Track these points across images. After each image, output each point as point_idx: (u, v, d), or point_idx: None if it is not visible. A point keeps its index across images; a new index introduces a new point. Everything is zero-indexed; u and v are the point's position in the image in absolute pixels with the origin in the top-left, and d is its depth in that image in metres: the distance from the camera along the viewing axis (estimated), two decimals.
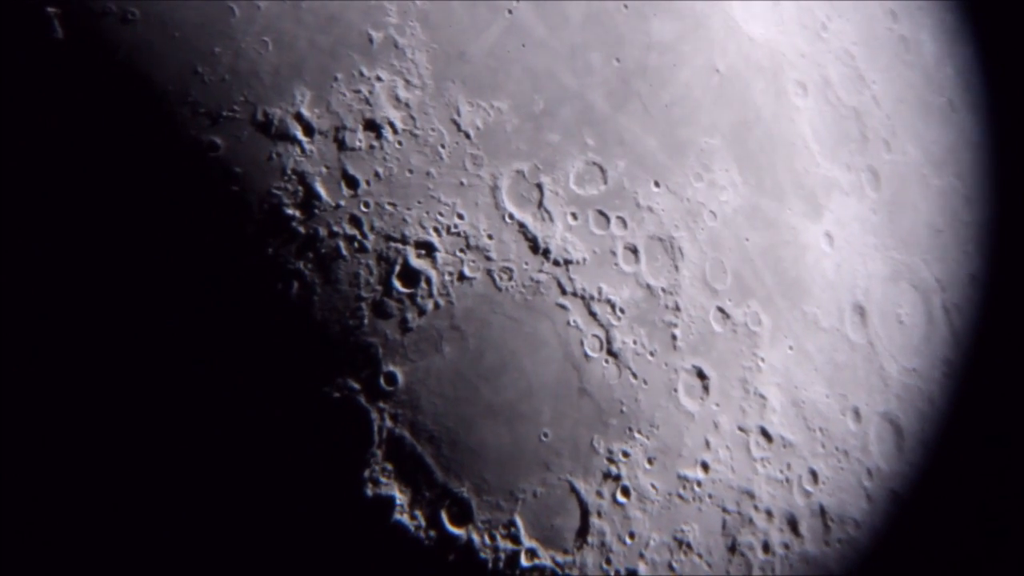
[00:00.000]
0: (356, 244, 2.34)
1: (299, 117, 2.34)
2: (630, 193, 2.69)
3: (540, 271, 2.51)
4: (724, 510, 2.67)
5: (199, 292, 2.22)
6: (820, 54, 3.30)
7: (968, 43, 3.82)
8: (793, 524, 2.79)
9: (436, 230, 2.41)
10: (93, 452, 2.18)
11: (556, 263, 2.54)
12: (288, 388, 2.25)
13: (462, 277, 2.42)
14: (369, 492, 2.28)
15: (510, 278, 2.47)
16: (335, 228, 2.33)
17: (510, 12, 2.61)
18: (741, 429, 2.75)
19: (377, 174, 2.38)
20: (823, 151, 3.17)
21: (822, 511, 2.86)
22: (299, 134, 2.33)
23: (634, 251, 2.65)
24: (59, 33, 2.19)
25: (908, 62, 3.58)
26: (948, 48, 3.75)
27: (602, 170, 2.65)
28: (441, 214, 2.43)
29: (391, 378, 2.33)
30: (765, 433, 2.79)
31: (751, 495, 2.72)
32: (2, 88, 2.15)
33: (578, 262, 2.56)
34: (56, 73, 2.19)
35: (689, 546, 2.60)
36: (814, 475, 2.86)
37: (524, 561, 2.40)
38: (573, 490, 2.46)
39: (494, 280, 2.45)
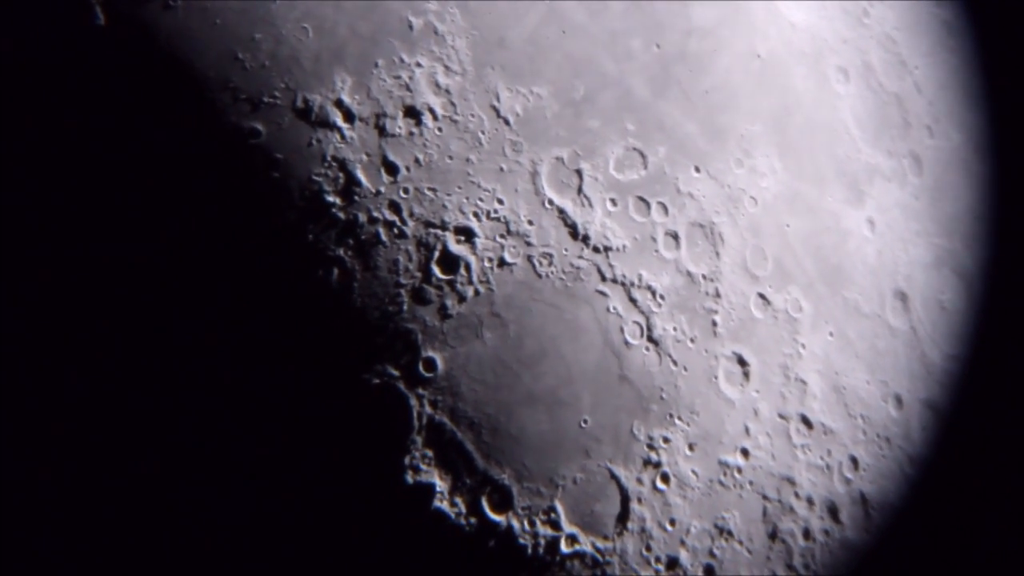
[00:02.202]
0: (396, 230, 2.28)
1: (339, 104, 2.28)
2: (670, 179, 2.60)
3: (580, 257, 2.44)
4: (765, 497, 2.59)
5: (239, 278, 2.18)
6: (862, 40, 3.18)
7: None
8: (834, 511, 2.70)
9: (476, 216, 2.34)
10: (130, 439, 2.15)
11: (596, 249, 2.46)
12: (327, 375, 2.20)
13: (502, 263, 2.35)
14: (409, 479, 2.22)
15: (550, 264, 2.39)
16: (375, 214, 2.27)
17: None
18: (781, 416, 2.66)
19: (417, 160, 2.32)
20: (865, 137, 3.06)
21: (863, 498, 2.76)
22: (339, 121, 2.28)
23: (674, 237, 2.57)
24: (101, 20, 2.16)
25: (951, 47, 3.44)
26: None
27: (642, 156, 2.56)
28: (481, 200, 2.36)
29: (431, 364, 2.27)
30: (806, 420, 2.69)
31: (792, 482, 2.64)
32: (45, 75, 2.12)
33: (618, 248, 2.48)
34: (98, 60, 2.15)
35: (730, 533, 2.52)
36: (855, 462, 2.76)
37: (564, 547, 2.34)
38: (613, 476, 2.39)
39: (534, 266, 2.38)
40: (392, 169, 2.29)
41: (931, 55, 3.37)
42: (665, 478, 2.45)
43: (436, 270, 2.30)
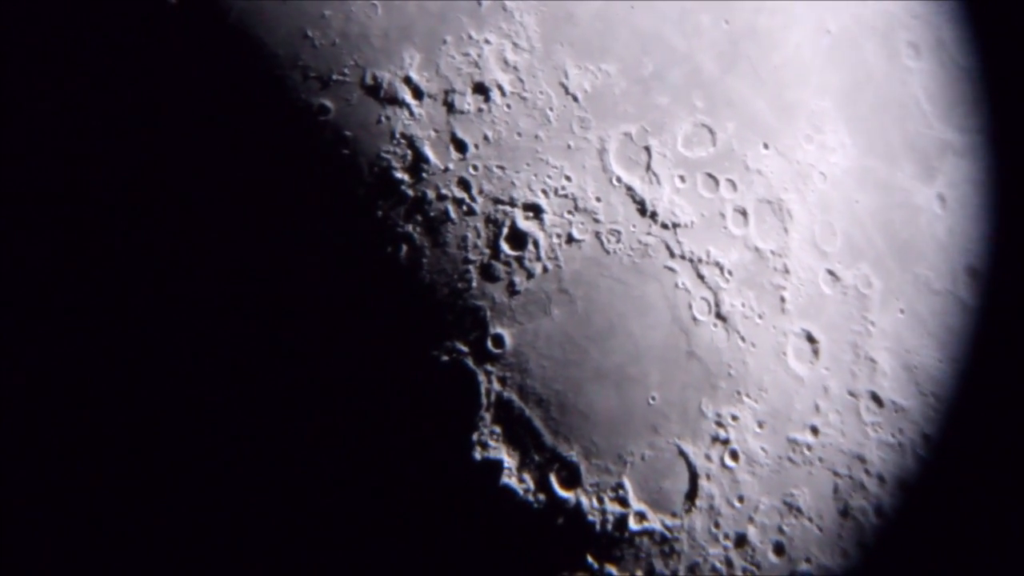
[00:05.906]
0: (464, 207, 2.18)
1: (408, 80, 2.19)
2: (739, 155, 2.45)
3: (648, 234, 2.30)
4: (835, 474, 2.42)
5: (309, 255, 2.10)
6: (933, 15, 2.94)
7: None
8: (906, 489, 2.50)
9: (544, 192, 2.23)
10: (201, 413, 2.07)
11: (664, 226, 2.32)
12: (397, 351, 2.12)
13: (570, 239, 2.23)
14: (478, 455, 2.13)
15: (618, 241, 2.27)
16: (444, 191, 2.17)
17: None
18: (851, 393, 2.48)
19: (486, 137, 2.21)
20: (936, 112, 2.84)
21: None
22: (408, 97, 2.18)
23: (743, 213, 2.41)
24: None
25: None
26: None
27: (711, 132, 2.41)
28: (549, 177, 2.24)
29: (499, 341, 2.17)
30: (876, 398, 2.51)
31: (862, 459, 2.46)
32: (116, 54, 2.05)
33: (686, 225, 2.34)
34: (168, 37, 2.10)
35: (799, 510, 2.36)
36: (928, 440, 2.55)
37: (633, 524, 2.22)
38: (682, 453, 2.26)
39: (602, 243, 2.25)
40: (461, 146, 2.20)
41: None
42: (734, 455, 2.32)
43: (504, 246, 2.20)
